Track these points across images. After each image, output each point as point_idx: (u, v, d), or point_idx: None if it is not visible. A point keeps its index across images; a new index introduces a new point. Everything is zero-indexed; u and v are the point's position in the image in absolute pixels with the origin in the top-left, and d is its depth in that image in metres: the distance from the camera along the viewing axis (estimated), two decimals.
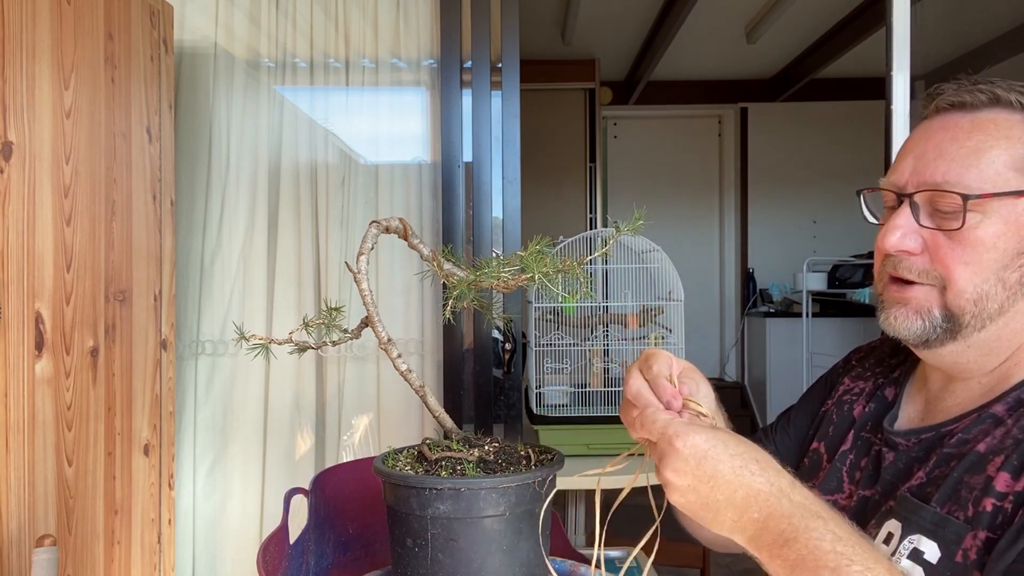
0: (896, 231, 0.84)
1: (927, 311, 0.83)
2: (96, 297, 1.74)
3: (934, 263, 0.83)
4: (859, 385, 1.03)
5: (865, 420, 0.98)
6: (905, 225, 0.84)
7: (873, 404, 0.99)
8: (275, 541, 1.10)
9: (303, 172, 2.39)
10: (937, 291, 0.83)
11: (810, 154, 5.81)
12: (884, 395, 0.99)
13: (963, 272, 0.81)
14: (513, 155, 2.28)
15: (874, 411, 0.98)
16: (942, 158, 0.82)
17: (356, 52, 2.41)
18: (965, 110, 0.84)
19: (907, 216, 0.84)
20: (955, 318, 0.82)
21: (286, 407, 2.36)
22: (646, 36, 4.76)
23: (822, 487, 0.96)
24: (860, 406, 1.00)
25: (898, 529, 0.81)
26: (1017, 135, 0.81)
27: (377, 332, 0.85)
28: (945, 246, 0.82)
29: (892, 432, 0.92)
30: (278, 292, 2.37)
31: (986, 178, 0.80)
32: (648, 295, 2.13)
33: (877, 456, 0.92)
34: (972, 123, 0.82)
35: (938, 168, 0.82)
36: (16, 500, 1.51)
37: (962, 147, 0.81)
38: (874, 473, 0.91)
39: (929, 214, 0.83)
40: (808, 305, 4.78)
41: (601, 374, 2.13)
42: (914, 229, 0.83)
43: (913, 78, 2.26)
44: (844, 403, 1.02)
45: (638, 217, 0.82)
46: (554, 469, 0.81)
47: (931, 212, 0.83)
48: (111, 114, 1.80)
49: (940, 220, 0.82)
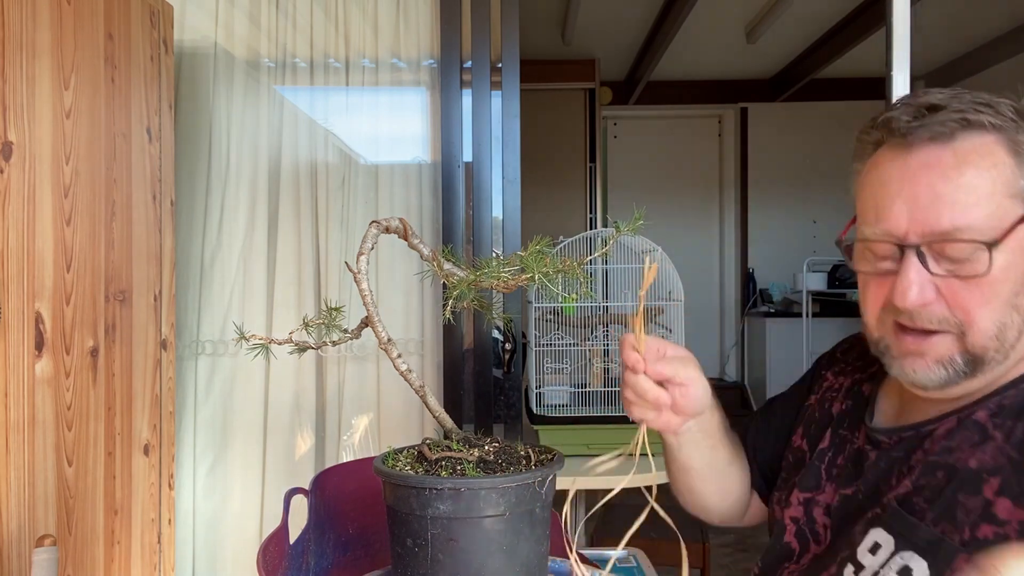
0: (911, 287, 0.78)
1: (949, 359, 0.79)
2: (96, 297, 1.74)
3: (952, 309, 0.78)
4: (839, 381, 1.02)
5: (842, 418, 0.97)
6: (918, 278, 0.78)
7: (850, 401, 0.98)
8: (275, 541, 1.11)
9: (303, 172, 2.39)
10: (955, 337, 0.79)
11: (810, 154, 5.81)
12: (861, 391, 0.98)
13: (984, 313, 0.77)
14: (513, 155, 2.28)
15: (850, 408, 0.97)
16: (940, 202, 0.76)
17: (356, 52, 2.41)
18: (941, 141, 0.78)
19: (918, 268, 0.78)
20: (978, 359, 0.79)
21: (286, 407, 2.36)
22: (646, 36, 4.77)
23: (801, 484, 0.96)
24: (839, 403, 0.99)
25: (889, 542, 0.80)
26: (1001, 159, 0.77)
27: (377, 332, 0.85)
28: (962, 291, 0.77)
29: (873, 429, 0.90)
30: (278, 292, 2.37)
31: (993, 214, 0.76)
32: (648, 295, 2.12)
33: (858, 454, 0.91)
34: (955, 156, 0.77)
35: (941, 214, 0.76)
36: (16, 500, 1.51)
37: (958, 186, 0.76)
38: (854, 471, 0.90)
39: (936, 259, 0.78)
40: (808, 305, 4.79)
41: (601, 374, 2.13)
42: (927, 279, 0.78)
43: (913, 78, 2.26)
44: (826, 400, 1.02)
45: (638, 217, 0.82)
46: (554, 469, 0.81)
47: (938, 257, 0.78)
48: (111, 114, 1.80)
49: (952, 265, 0.77)
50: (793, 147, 5.87)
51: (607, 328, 2.15)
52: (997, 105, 0.79)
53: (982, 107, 0.78)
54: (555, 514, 0.97)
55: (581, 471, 0.88)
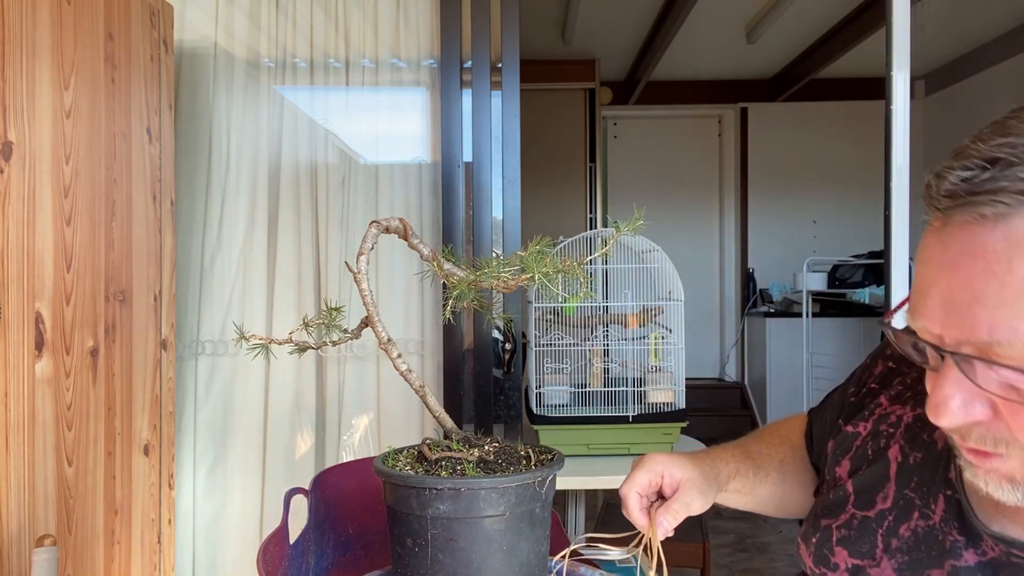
0: (948, 402, 0.60)
1: (1021, 480, 0.62)
2: (96, 297, 1.74)
3: (1016, 432, 0.59)
4: (896, 412, 0.84)
5: (908, 475, 0.79)
6: (956, 394, 0.60)
7: (918, 453, 0.79)
8: (275, 541, 1.11)
9: (303, 172, 2.39)
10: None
11: (810, 154, 5.82)
12: (932, 439, 0.79)
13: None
14: (513, 155, 2.28)
15: (920, 464, 0.78)
16: (980, 304, 0.56)
17: (356, 52, 2.41)
18: (992, 221, 0.56)
19: (957, 379, 0.60)
20: None
21: (286, 407, 2.36)
22: (646, 36, 4.77)
23: (852, 546, 0.81)
24: (896, 447, 0.81)
25: None
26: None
27: (377, 332, 0.85)
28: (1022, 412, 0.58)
29: (998, 538, 0.70)
30: (278, 292, 2.37)
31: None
32: (648, 295, 2.13)
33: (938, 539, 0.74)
34: (1008, 242, 0.55)
35: (979, 320, 0.57)
36: (16, 500, 1.51)
37: (1005, 286, 0.55)
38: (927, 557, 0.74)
39: (989, 367, 0.58)
40: (808, 305, 4.79)
41: (601, 374, 2.13)
42: (973, 393, 0.60)
43: (913, 78, 2.26)
44: (880, 435, 0.84)
45: (638, 217, 0.82)
46: (554, 469, 0.81)
47: (991, 367, 0.58)
48: (111, 114, 1.80)
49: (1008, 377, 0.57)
50: (793, 147, 5.87)
51: (607, 328, 2.15)
52: None
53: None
54: (555, 514, 0.97)
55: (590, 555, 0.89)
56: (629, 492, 0.88)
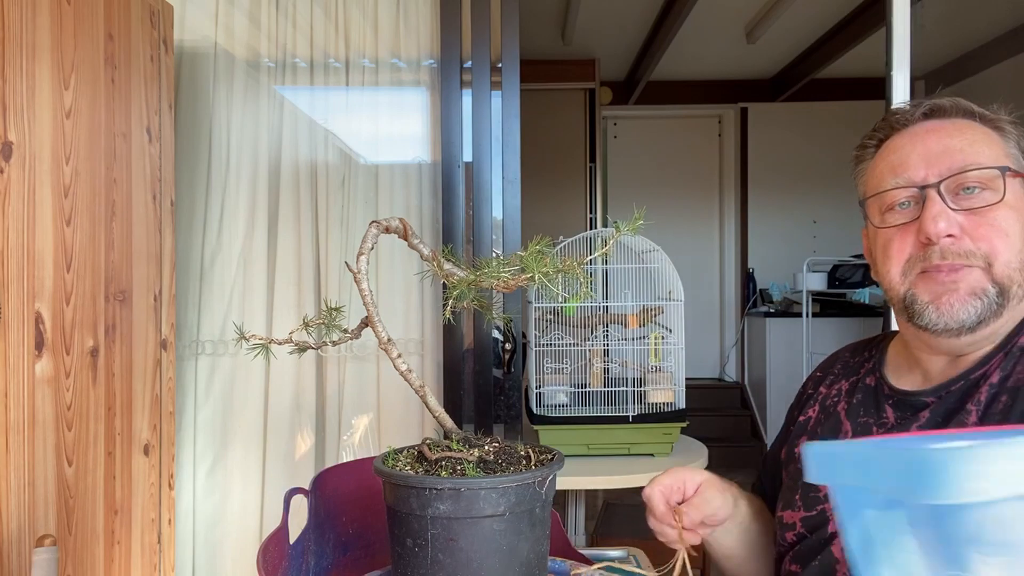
0: (939, 219, 0.85)
1: (982, 290, 0.85)
2: (96, 297, 1.74)
3: (977, 242, 0.85)
4: (836, 387, 1.05)
5: (855, 410, 0.99)
6: (941, 212, 0.86)
7: (859, 395, 1.00)
8: (275, 541, 1.10)
9: (303, 172, 2.39)
10: (983, 270, 0.85)
11: (810, 154, 5.81)
12: (866, 384, 1.00)
13: (1004, 244, 0.85)
14: (513, 155, 2.28)
15: (862, 399, 0.99)
16: (952, 149, 0.87)
17: (356, 52, 2.41)
18: (941, 116, 0.91)
19: (940, 204, 0.86)
20: (1006, 290, 0.85)
21: (286, 407, 2.36)
22: (646, 36, 4.77)
23: None
24: (843, 403, 1.01)
25: None
26: (993, 138, 0.89)
27: (377, 332, 0.85)
28: (983, 224, 0.85)
29: (913, 393, 0.93)
30: (278, 292, 2.37)
31: (999, 158, 0.87)
32: (648, 295, 2.13)
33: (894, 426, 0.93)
34: (954, 125, 0.90)
35: (954, 157, 0.87)
36: (16, 500, 1.51)
37: (964, 139, 0.88)
38: None
39: (954, 197, 0.87)
40: (808, 305, 4.79)
41: (601, 374, 2.13)
42: (951, 214, 0.86)
43: (913, 78, 2.26)
44: (827, 408, 1.03)
45: (638, 217, 0.82)
46: (554, 469, 0.81)
47: (955, 196, 0.87)
48: (111, 114, 1.80)
49: (969, 201, 0.86)
50: (793, 147, 5.87)
51: (607, 328, 2.15)
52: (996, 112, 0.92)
53: (980, 109, 0.91)
54: (555, 514, 0.97)
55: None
56: (653, 492, 0.96)
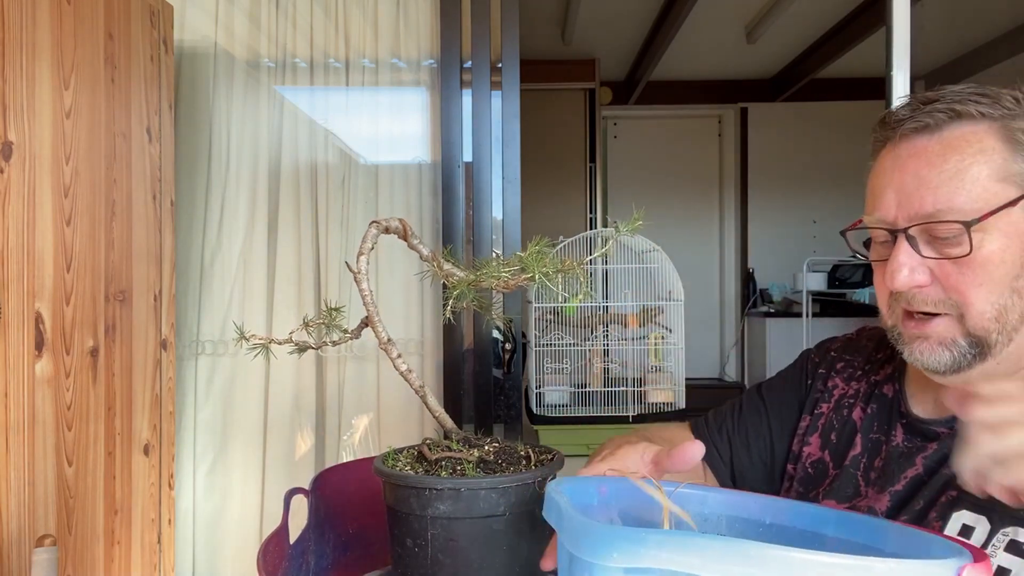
0: (902, 269, 0.82)
1: (951, 341, 0.82)
2: (96, 297, 1.74)
3: (948, 292, 0.81)
4: (853, 387, 1.02)
5: (870, 422, 0.97)
6: (908, 261, 0.82)
7: (874, 405, 0.98)
8: (275, 541, 1.10)
9: (303, 172, 2.39)
10: (955, 320, 0.82)
11: (810, 154, 5.81)
12: (883, 393, 0.98)
13: (978, 294, 0.80)
14: (513, 155, 2.28)
15: (876, 412, 0.97)
16: (925, 187, 0.81)
17: (356, 52, 2.41)
18: (929, 132, 0.82)
19: (908, 251, 0.82)
20: (982, 340, 0.81)
21: (286, 407, 2.36)
22: (646, 36, 4.76)
23: (837, 495, 0.94)
24: (859, 409, 0.99)
25: (982, 521, 0.80)
26: (989, 145, 0.80)
27: (377, 332, 0.85)
28: (955, 273, 0.80)
29: (925, 422, 0.91)
30: (278, 292, 2.37)
31: (976, 198, 0.79)
32: (648, 295, 2.13)
33: (902, 452, 0.91)
34: (941, 144, 0.81)
35: (924, 199, 0.80)
36: (16, 500, 1.51)
37: (941, 172, 0.80)
38: (897, 469, 0.90)
39: (928, 243, 0.82)
40: (808, 305, 4.78)
41: (601, 374, 2.13)
42: (918, 262, 0.82)
43: (913, 78, 2.25)
44: (843, 407, 1.01)
45: (638, 217, 0.82)
46: (554, 469, 0.81)
47: (929, 241, 0.82)
48: (111, 114, 1.80)
49: (942, 247, 0.81)
50: (793, 147, 5.86)
51: (607, 328, 2.15)
52: (997, 96, 0.82)
53: (978, 97, 0.82)
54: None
55: None
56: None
